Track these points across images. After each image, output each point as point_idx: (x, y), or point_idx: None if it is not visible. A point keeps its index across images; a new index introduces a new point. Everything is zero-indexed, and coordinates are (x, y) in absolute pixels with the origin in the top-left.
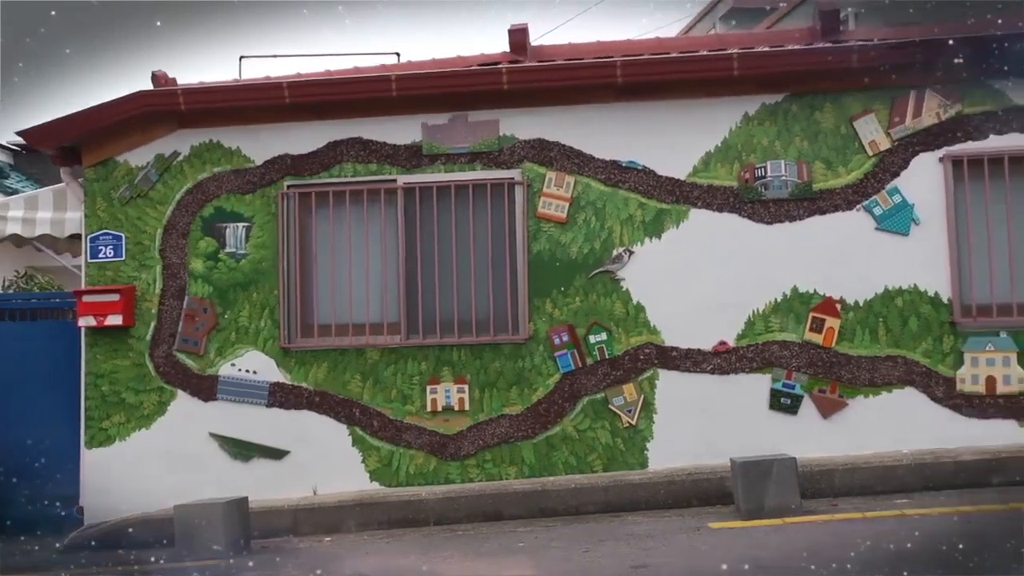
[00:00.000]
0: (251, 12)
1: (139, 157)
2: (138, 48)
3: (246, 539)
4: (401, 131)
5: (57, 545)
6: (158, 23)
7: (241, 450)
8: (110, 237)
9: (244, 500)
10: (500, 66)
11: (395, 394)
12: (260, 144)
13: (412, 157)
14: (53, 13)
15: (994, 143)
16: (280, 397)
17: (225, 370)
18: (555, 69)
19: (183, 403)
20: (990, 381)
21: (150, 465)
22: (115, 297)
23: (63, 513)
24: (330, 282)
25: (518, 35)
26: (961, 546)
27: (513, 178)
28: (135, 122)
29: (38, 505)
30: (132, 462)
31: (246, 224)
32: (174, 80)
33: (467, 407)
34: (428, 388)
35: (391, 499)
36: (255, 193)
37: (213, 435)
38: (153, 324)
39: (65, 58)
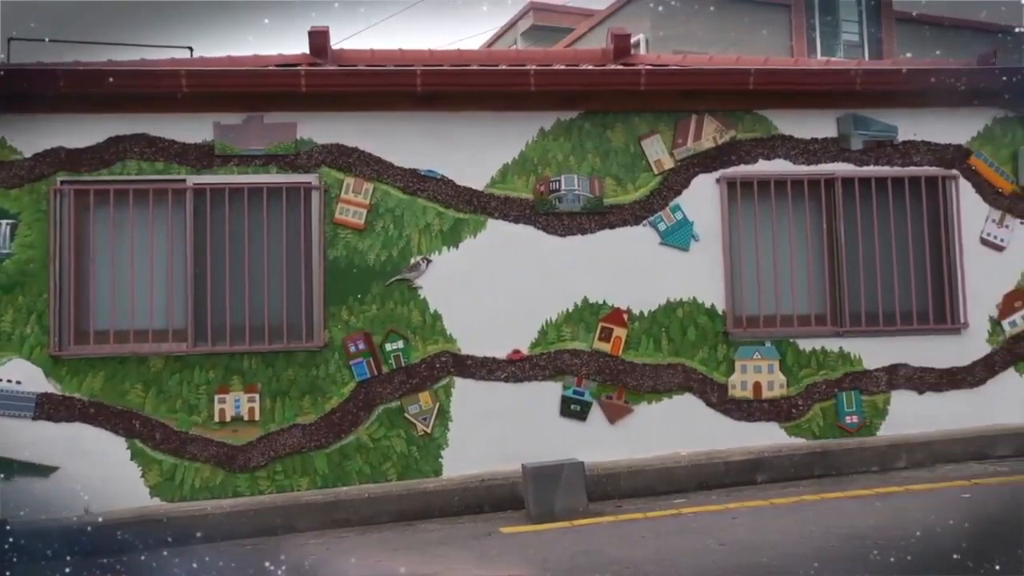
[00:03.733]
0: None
1: None
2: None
3: (2, 566)
4: (192, 129)
5: None
6: None
7: None
8: None
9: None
10: (299, 68)
11: (180, 404)
12: (30, 135)
13: (203, 157)
14: None
15: (763, 167)
16: (49, 409)
17: None
18: (355, 74)
19: None
20: (757, 387)
21: None
22: None
23: None
24: (110, 286)
25: (318, 38)
26: (729, 541)
27: (310, 183)
28: None
29: None
30: None
31: (11, 221)
32: None
33: (258, 417)
34: (216, 397)
35: (173, 515)
36: (23, 188)
37: None
38: None
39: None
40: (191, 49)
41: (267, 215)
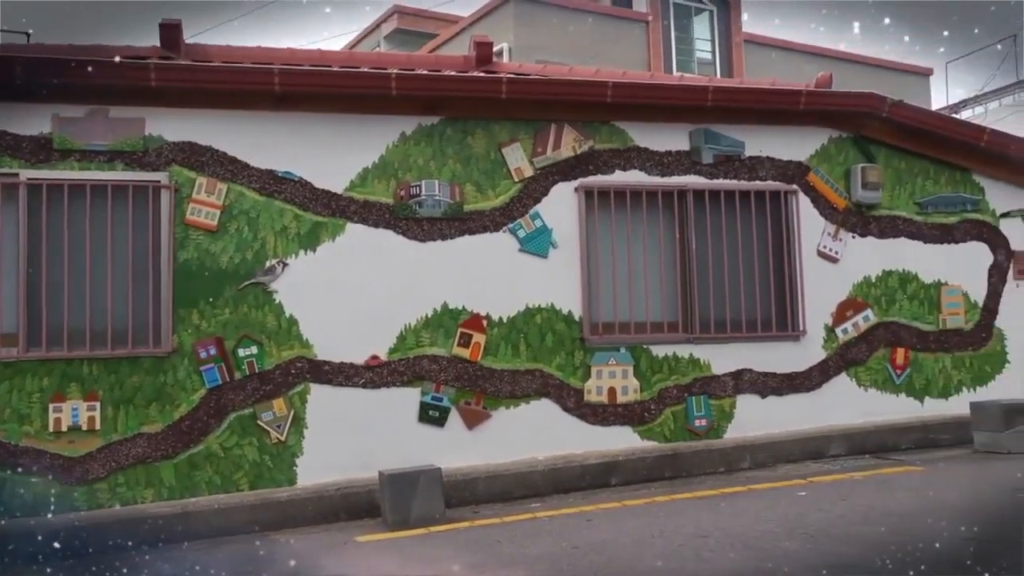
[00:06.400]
0: None
1: None
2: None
3: None
4: (27, 121)
5: None
6: None
7: None
8: None
9: None
10: (148, 61)
11: (9, 414)
12: None
13: (40, 151)
14: None
15: (619, 178)
16: None
17: None
18: (210, 70)
19: None
20: (611, 392)
21: None
22: None
23: None
24: None
25: (170, 30)
26: (582, 543)
27: (159, 181)
28: None
29: None
30: None
31: None
32: None
33: (98, 426)
34: (51, 406)
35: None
36: None
37: None
38: None
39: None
40: (28, 35)
41: (111, 214)
